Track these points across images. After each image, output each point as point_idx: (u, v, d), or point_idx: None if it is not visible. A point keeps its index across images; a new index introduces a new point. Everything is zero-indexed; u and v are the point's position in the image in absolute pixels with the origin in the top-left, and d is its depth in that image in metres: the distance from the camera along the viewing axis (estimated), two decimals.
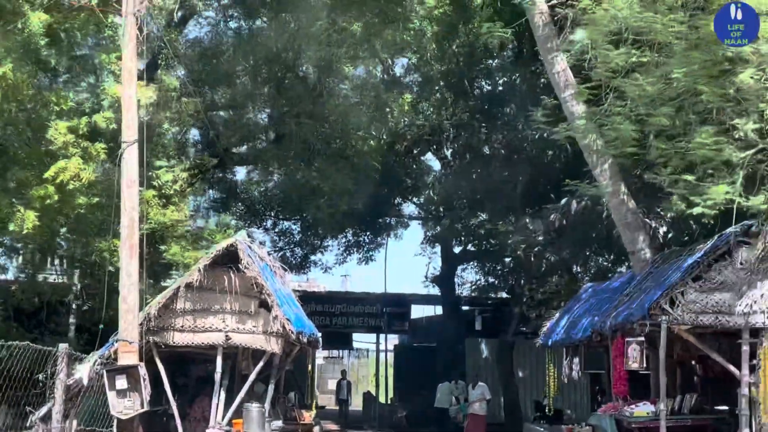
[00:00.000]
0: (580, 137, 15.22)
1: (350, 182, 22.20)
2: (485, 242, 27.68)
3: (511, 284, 28.18)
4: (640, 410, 12.93)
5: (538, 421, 19.58)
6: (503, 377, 26.92)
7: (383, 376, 35.05)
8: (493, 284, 30.40)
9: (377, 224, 30.94)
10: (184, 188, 17.40)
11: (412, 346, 35.28)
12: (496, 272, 29.72)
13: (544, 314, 20.92)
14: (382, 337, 34.09)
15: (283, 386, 16.42)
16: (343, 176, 21.96)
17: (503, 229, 24.34)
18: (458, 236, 28.97)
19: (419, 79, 27.24)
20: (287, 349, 14.37)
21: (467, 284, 32.02)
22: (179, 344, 13.64)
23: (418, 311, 34.98)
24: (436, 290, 32.61)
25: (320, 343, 16.74)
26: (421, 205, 31.75)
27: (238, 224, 24.70)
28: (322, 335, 16.50)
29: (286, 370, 15.91)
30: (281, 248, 30.44)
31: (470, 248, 29.85)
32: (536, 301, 23.22)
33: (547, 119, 15.52)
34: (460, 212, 27.57)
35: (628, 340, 12.69)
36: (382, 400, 33.02)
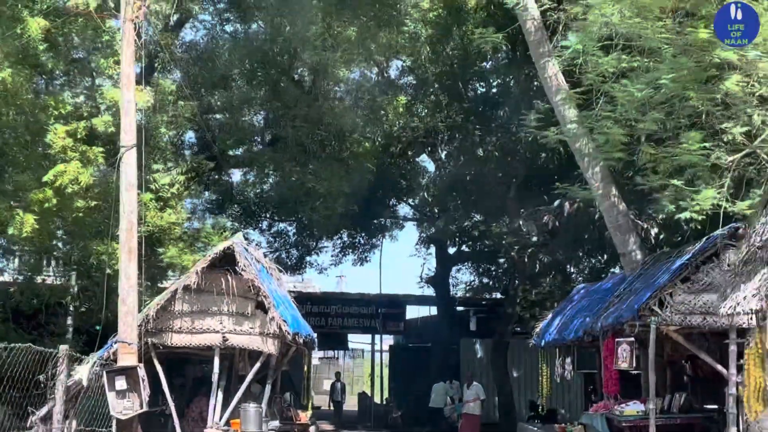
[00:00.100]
0: (571, 141, 15.43)
1: (345, 184, 22.38)
2: (479, 243, 27.90)
3: (505, 285, 28.38)
4: (630, 409, 13.14)
5: (532, 420, 19.78)
6: (498, 377, 27.08)
7: (378, 376, 35.27)
8: (487, 285, 30.64)
9: (372, 225, 31.10)
10: (180, 191, 17.57)
11: (407, 346, 35.43)
12: (490, 273, 29.97)
13: (537, 315, 21.10)
14: (377, 337, 34.36)
15: (279, 387, 16.61)
16: (338, 178, 22.14)
17: (497, 230, 24.57)
18: (453, 237, 29.15)
19: (414, 81, 27.48)
20: (283, 350, 14.54)
21: (462, 285, 32.32)
22: (177, 345, 13.83)
23: (413, 312, 35.24)
24: (430, 291, 32.73)
25: (316, 343, 16.92)
26: (415, 206, 31.94)
27: (234, 226, 24.90)
28: (317, 336, 16.64)
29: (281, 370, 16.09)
30: (277, 249, 30.59)
31: (465, 249, 30.05)
32: (530, 301, 23.41)
33: (539, 123, 15.72)
34: (454, 213, 27.77)
35: (618, 340, 12.92)
36: (377, 400, 33.22)
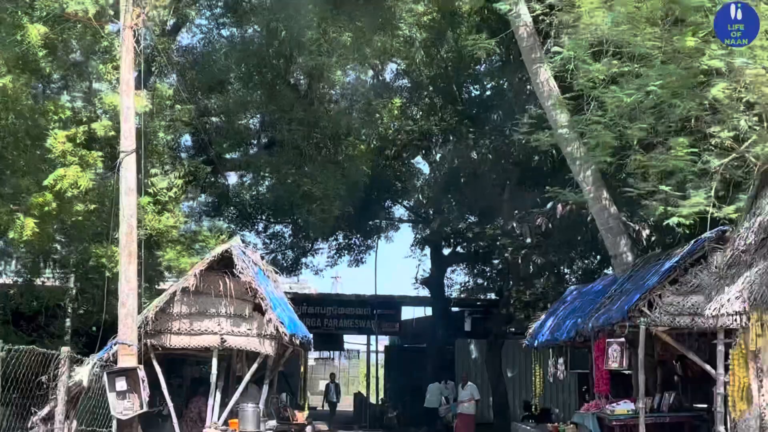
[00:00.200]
0: (562, 145, 15.69)
1: (341, 187, 22.59)
2: (474, 244, 28.13)
3: (499, 286, 28.59)
4: (620, 408, 13.39)
5: (526, 420, 20.01)
6: (492, 377, 27.29)
7: (374, 376, 35.44)
8: (481, 286, 30.85)
9: (368, 227, 31.34)
10: (178, 195, 17.78)
11: (402, 347, 35.62)
12: (484, 274, 30.18)
13: (531, 315, 21.34)
14: (372, 338, 34.53)
15: (275, 387, 16.82)
16: (334, 181, 22.35)
17: (491, 231, 24.82)
18: (447, 238, 29.43)
19: (408, 84, 27.73)
20: (280, 351, 14.75)
21: (456, 286, 32.57)
22: (176, 347, 14.04)
23: (408, 313, 35.43)
24: (425, 292, 33.00)
25: (312, 344, 17.13)
26: (410, 208, 32.19)
27: (230, 228, 25.12)
28: (313, 337, 16.82)
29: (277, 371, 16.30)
30: (273, 251, 30.83)
31: (459, 250, 30.30)
32: (523, 302, 23.66)
33: (530, 128, 15.98)
34: (449, 215, 28.07)
35: (608, 341, 13.17)
36: (372, 400, 33.40)
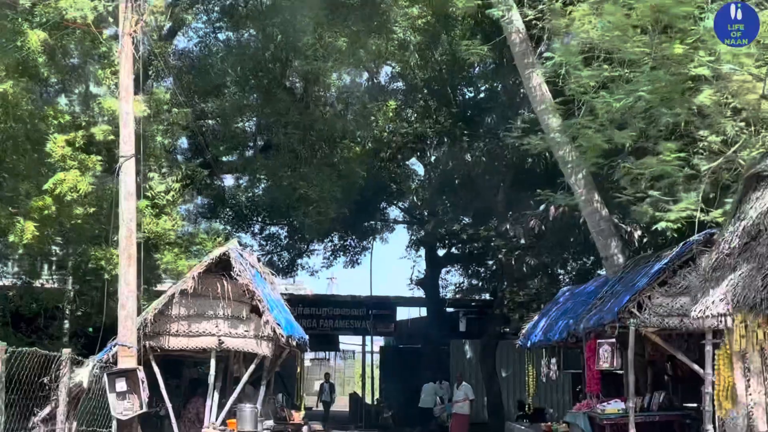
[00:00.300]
0: (555, 149, 15.95)
1: (337, 189, 22.80)
2: (468, 246, 28.37)
3: (493, 287, 28.84)
4: (611, 407, 13.64)
5: (520, 420, 20.24)
6: (486, 377, 27.51)
7: (369, 377, 35.67)
8: (476, 287, 31.11)
9: (363, 228, 31.54)
10: (176, 198, 17.97)
11: (397, 347, 35.85)
12: (479, 275, 30.45)
13: (525, 316, 21.57)
14: (368, 339, 34.75)
15: (272, 388, 17.02)
16: (330, 183, 22.56)
17: (485, 233, 25.06)
18: (442, 240, 29.68)
19: (403, 87, 27.94)
20: (277, 352, 14.93)
21: (451, 287, 32.80)
22: (174, 348, 14.24)
23: (403, 313, 35.73)
24: (420, 293, 33.21)
25: (308, 345, 17.34)
26: (405, 209, 32.41)
27: (226, 230, 25.31)
28: (309, 337, 17.01)
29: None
30: (268, 252, 31.02)
31: (454, 251, 30.56)
32: (517, 303, 23.90)
33: (522, 133, 16.22)
34: (443, 216, 28.31)
35: (599, 341, 13.41)
36: (368, 400, 33.61)
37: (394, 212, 32.93)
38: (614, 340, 13.20)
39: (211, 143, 22.82)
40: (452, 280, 32.75)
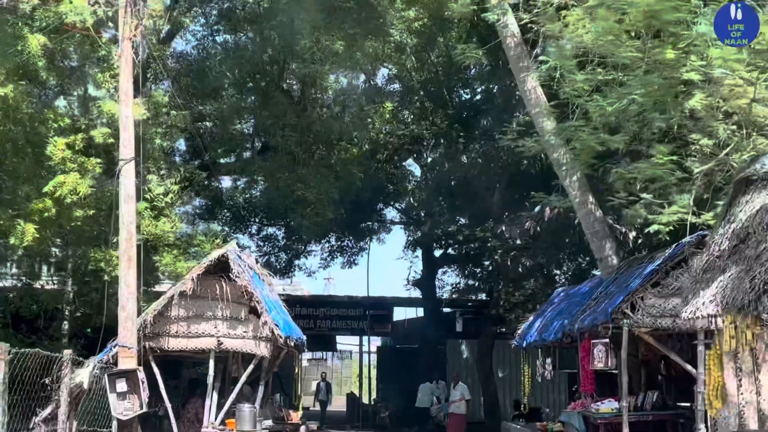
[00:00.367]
0: (549, 151, 16.12)
1: (334, 191, 22.95)
2: (465, 246, 28.52)
3: (489, 287, 29.00)
4: (605, 407, 13.81)
5: (516, 419, 20.40)
6: (483, 377, 27.65)
7: (366, 377, 35.80)
8: (472, 287, 31.25)
9: (360, 229, 31.71)
10: (174, 200, 18.12)
11: (394, 347, 35.99)
12: (475, 275, 30.59)
13: (520, 316, 21.73)
14: (365, 339, 34.88)
15: (270, 388, 17.16)
16: (327, 185, 22.71)
17: (481, 234, 25.21)
18: (439, 240, 29.82)
19: (399, 89, 28.10)
20: (275, 352, 15.06)
21: (448, 287, 32.92)
22: (174, 349, 14.38)
23: (400, 314, 35.82)
24: (417, 293, 33.37)
25: (305, 346, 17.48)
26: (402, 210, 32.56)
27: (224, 231, 25.44)
28: (306, 338, 17.13)
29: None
30: (266, 253, 31.16)
31: (450, 252, 30.69)
32: (512, 303, 24.06)
33: (518, 136, 16.38)
34: (440, 217, 28.46)
35: (593, 341, 13.58)
36: (365, 400, 33.76)
37: (390, 213, 33.16)
38: (608, 340, 13.36)
39: (209, 145, 22.96)
40: (449, 280, 32.97)
